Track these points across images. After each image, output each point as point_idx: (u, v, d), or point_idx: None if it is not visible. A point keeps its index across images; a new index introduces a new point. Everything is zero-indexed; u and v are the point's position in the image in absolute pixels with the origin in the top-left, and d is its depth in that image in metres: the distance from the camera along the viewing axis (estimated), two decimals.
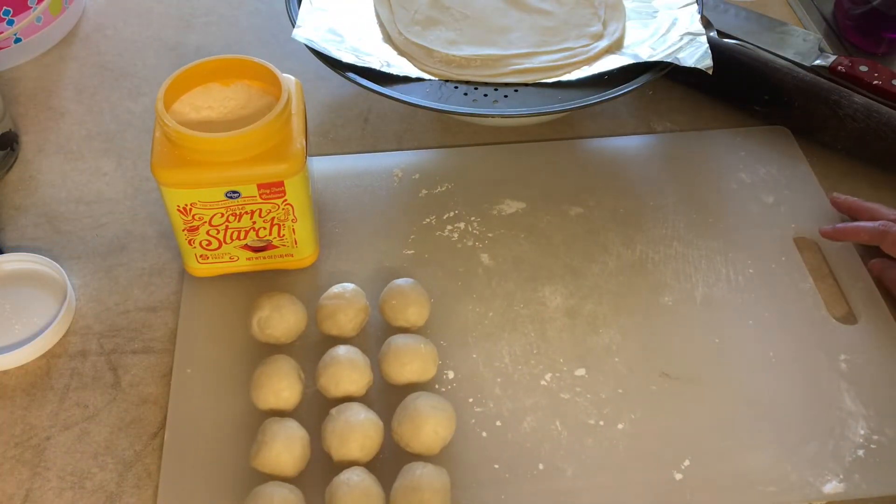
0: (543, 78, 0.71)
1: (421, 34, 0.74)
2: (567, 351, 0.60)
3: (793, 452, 0.55)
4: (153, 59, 0.84)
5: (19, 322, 0.62)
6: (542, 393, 0.58)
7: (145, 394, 0.59)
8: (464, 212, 0.69)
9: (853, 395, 0.58)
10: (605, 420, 0.57)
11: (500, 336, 0.61)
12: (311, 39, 0.70)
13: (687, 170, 0.73)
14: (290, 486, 0.51)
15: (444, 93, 0.69)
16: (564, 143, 0.75)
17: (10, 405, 0.58)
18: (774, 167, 0.73)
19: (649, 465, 0.55)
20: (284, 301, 0.59)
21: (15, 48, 0.82)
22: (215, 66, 0.59)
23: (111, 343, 0.62)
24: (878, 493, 0.54)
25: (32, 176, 0.73)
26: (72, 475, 0.55)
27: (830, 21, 0.88)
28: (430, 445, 0.53)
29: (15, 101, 0.80)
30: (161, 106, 0.56)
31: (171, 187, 0.57)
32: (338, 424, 0.53)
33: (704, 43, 0.70)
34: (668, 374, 0.59)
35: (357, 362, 0.56)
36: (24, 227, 0.69)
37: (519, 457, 0.55)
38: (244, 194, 0.57)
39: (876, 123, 0.71)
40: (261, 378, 0.55)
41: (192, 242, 0.61)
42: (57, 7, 0.84)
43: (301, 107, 0.60)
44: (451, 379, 0.59)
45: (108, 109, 0.79)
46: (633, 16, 0.77)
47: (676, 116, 0.79)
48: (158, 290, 0.65)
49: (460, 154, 0.74)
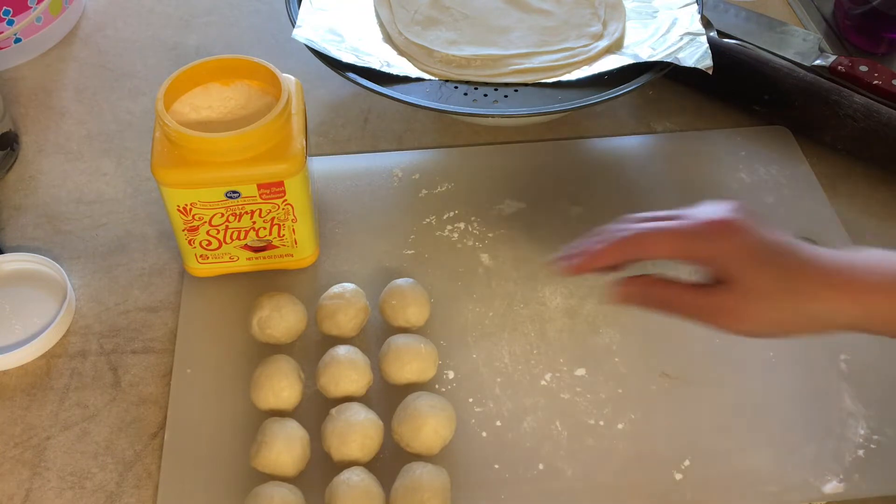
0: (543, 78, 0.71)
1: (421, 34, 0.74)
2: (567, 351, 0.60)
3: (793, 452, 0.55)
4: (153, 59, 0.84)
5: (19, 322, 0.62)
6: (542, 393, 0.58)
7: (145, 394, 0.59)
8: (464, 212, 0.69)
9: (853, 395, 0.58)
10: (605, 420, 0.57)
11: (500, 336, 0.61)
12: (311, 39, 0.70)
13: (687, 170, 0.73)
14: (290, 486, 0.51)
15: (444, 93, 0.69)
16: (564, 143, 0.75)
17: (10, 405, 0.58)
18: (774, 167, 0.73)
19: (649, 465, 0.55)
20: (284, 301, 0.59)
21: (15, 48, 0.82)
22: (215, 66, 0.59)
23: (111, 343, 0.62)
24: (878, 493, 0.54)
25: (32, 176, 0.73)
26: (72, 475, 0.55)
27: (830, 21, 0.88)
28: (430, 445, 0.53)
29: (15, 101, 0.80)
30: (161, 106, 0.56)
31: (171, 187, 0.57)
32: (338, 424, 0.53)
33: (704, 43, 0.70)
34: (668, 374, 0.59)
35: (357, 362, 0.56)
36: (24, 227, 0.69)
37: (519, 457, 0.55)
38: (244, 194, 0.57)
39: (876, 123, 0.71)
40: (261, 378, 0.55)
41: (192, 242, 0.61)
42: (57, 7, 0.84)
43: (301, 107, 0.60)
44: (451, 379, 0.59)
45: (108, 109, 0.79)
46: (633, 16, 0.77)
47: (676, 116, 0.78)
48: (158, 290, 0.65)
49: (460, 154, 0.74)
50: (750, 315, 0.46)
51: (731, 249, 0.46)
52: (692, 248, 0.47)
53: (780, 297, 0.45)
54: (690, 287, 0.48)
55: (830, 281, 0.45)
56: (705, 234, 0.47)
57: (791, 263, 0.46)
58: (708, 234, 0.47)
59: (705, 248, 0.47)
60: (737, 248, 0.46)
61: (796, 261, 0.46)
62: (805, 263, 0.46)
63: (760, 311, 0.46)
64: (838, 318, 0.45)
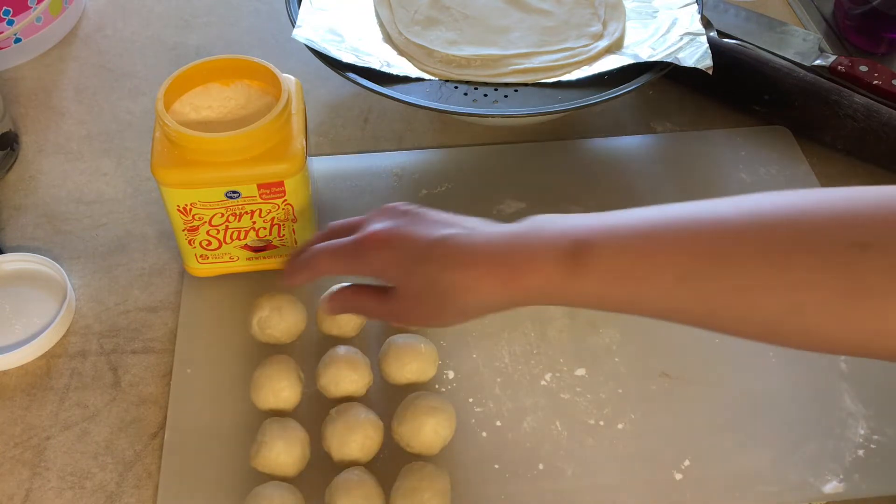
0: (543, 78, 0.71)
1: (421, 34, 0.74)
2: (567, 351, 0.60)
3: (793, 452, 0.55)
4: (153, 59, 0.84)
5: (19, 322, 0.62)
6: (542, 393, 0.58)
7: (145, 394, 0.59)
8: (464, 212, 0.69)
9: (853, 395, 0.58)
10: (605, 420, 0.57)
11: (500, 336, 0.61)
12: (311, 39, 0.70)
13: (687, 170, 0.73)
14: (290, 487, 0.51)
15: (444, 93, 0.69)
16: (564, 143, 0.75)
17: (10, 405, 0.58)
18: (774, 167, 0.73)
19: (649, 465, 0.55)
20: (284, 301, 0.59)
21: (15, 48, 0.82)
22: (215, 66, 0.59)
23: (111, 343, 0.62)
24: (878, 493, 0.54)
25: (32, 176, 0.73)
26: (72, 475, 0.55)
27: (830, 21, 0.88)
28: (431, 445, 0.53)
29: (15, 101, 0.80)
30: (161, 106, 0.56)
31: (171, 187, 0.57)
32: (338, 424, 0.53)
33: (704, 43, 0.70)
34: (668, 374, 0.59)
35: (357, 362, 0.56)
36: (24, 227, 0.69)
37: (519, 457, 0.55)
38: (244, 194, 0.57)
39: (876, 123, 0.71)
40: (261, 378, 0.55)
41: (192, 242, 0.61)
42: (57, 7, 0.84)
43: (301, 107, 0.60)
44: (451, 379, 0.59)
45: (108, 109, 0.79)
46: (633, 16, 0.77)
47: (676, 116, 0.78)
48: (158, 290, 0.65)
49: (460, 154, 0.74)
50: (415, 315, 0.50)
51: (384, 263, 0.49)
52: (355, 266, 0.51)
53: (428, 297, 0.48)
54: (374, 294, 0.52)
55: (467, 269, 0.46)
56: (360, 251, 0.50)
57: (434, 262, 0.47)
58: (363, 251, 0.50)
59: (365, 265, 0.50)
60: (387, 262, 0.49)
61: (440, 259, 0.47)
62: (445, 259, 0.47)
63: (421, 310, 0.49)
64: (487, 302, 0.47)
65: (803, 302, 0.40)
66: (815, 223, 0.40)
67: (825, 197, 0.41)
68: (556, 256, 0.44)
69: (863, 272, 0.38)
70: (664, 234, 0.43)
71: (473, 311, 0.48)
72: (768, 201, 0.43)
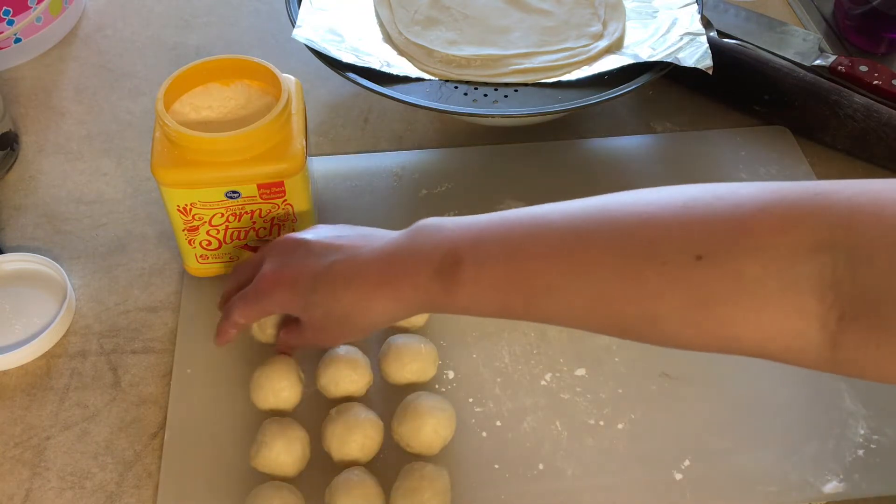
0: (543, 78, 0.71)
1: (421, 34, 0.74)
2: (567, 351, 0.60)
3: (793, 452, 0.55)
4: (153, 59, 0.84)
5: (19, 322, 0.62)
6: (542, 393, 0.58)
7: (145, 394, 0.59)
8: (464, 212, 0.69)
9: (853, 395, 0.58)
10: (605, 420, 0.57)
11: (500, 336, 0.61)
12: (311, 39, 0.70)
13: (687, 170, 0.73)
14: (290, 487, 0.51)
15: (444, 93, 0.69)
16: (564, 143, 0.75)
17: (10, 405, 0.58)
18: (774, 167, 0.73)
19: (649, 465, 0.55)
20: None
21: (15, 48, 0.82)
22: (215, 66, 0.59)
23: (111, 343, 0.62)
24: (877, 493, 0.54)
25: (32, 176, 0.73)
26: (72, 475, 0.55)
27: (830, 21, 0.88)
28: (431, 445, 0.53)
29: (15, 101, 0.80)
30: (161, 106, 0.56)
31: (171, 187, 0.57)
32: (338, 424, 0.53)
33: (704, 43, 0.70)
34: (668, 374, 0.59)
35: (357, 362, 0.56)
36: (24, 227, 0.69)
37: (519, 457, 0.55)
38: (244, 194, 0.57)
39: (876, 123, 0.71)
40: (261, 378, 0.55)
41: (192, 242, 0.61)
42: (57, 7, 0.84)
43: (301, 107, 0.60)
44: (451, 379, 0.59)
45: (108, 109, 0.79)
46: (633, 16, 0.77)
47: (676, 116, 0.78)
48: (158, 290, 0.65)
49: (460, 154, 0.74)
50: (322, 339, 0.53)
51: (283, 301, 0.51)
52: (262, 309, 0.53)
53: (329, 323, 0.50)
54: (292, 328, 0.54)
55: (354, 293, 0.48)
56: (260, 296, 0.52)
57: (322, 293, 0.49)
58: (262, 295, 0.51)
59: (269, 306, 0.52)
60: (284, 300, 0.51)
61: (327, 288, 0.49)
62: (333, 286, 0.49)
63: (327, 335, 0.52)
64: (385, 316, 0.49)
65: (658, 312, 0.41)
66: (660, 233, 0.41)
67: (669, 202, 0.43)
68: (429, 273, 0.46)
69: (703, 282, 0.40)
70: (524, 243, 0.45)
71: (375, 325, 0.50)
72: (615, 203, 0.46)
